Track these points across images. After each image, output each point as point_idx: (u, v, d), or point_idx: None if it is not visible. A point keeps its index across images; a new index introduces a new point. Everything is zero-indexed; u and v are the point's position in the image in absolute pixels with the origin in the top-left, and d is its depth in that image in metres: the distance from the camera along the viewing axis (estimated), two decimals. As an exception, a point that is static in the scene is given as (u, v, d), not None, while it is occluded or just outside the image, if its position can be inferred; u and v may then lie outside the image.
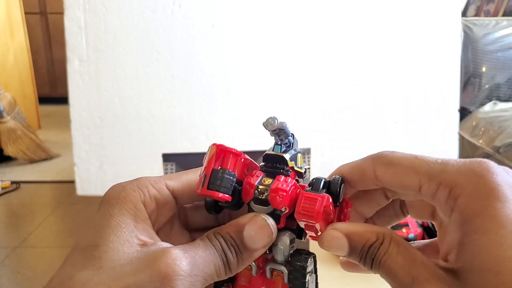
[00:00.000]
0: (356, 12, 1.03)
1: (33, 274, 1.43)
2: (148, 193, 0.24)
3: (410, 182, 0.23)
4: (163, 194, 0.25)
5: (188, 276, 0.21)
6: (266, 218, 0.23)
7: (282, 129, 0.24)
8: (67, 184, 2.10)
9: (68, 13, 0.99)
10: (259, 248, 0.23)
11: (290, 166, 0.25)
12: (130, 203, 0.23)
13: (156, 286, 0.20)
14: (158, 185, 0.25)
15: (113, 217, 0.22)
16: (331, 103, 1.05)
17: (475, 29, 1.46)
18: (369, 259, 0.24)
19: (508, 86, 1.48)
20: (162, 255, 0.21)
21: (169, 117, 1.04)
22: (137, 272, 0.21)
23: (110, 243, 0.21)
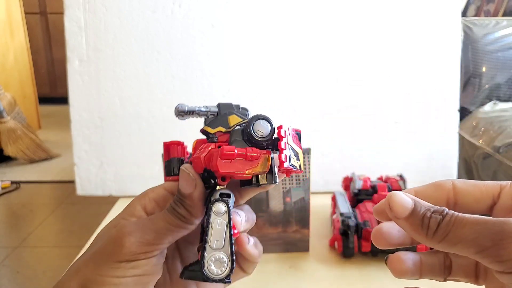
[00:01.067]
0: (356, 12, 1.03)
1: (33, 274, 1.43)
2: (147, 196, 0.32)
3: (491, 188, 0.26)
4: (161, 194, 0.32)
5: (132, 231, 0.28)
6: (182, 167, 0.30)
7: (182, 111, 0.30)
8: (67, 184, 2.10)
9: (68, 13, 0.99)
10: (190, 191, 0.29)
11: (216, 132, 0.30)
12: (129, 207, 0.31)
13: (111, 246, 0.28)
14: (157, 189, 0.32)
15: (117, 217, 0.31)
16: (331, 103, 1.05)
17: (475, 29, 1.46)
18: (433, 223, 0.23)
19: (508, 86, 1.48)
20: (116, 227, 0.29)
21: (169, 117, 1.04)
22: (100, 244, 0.29)
23: (98, 234, 0.31)
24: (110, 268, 0.27)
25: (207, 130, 0.30)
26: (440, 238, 0.23)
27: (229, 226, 0.28)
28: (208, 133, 0.30)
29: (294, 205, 0.72)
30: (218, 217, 0.28)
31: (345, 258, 0.74)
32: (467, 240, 0.22)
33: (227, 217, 0.28)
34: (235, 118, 0.30)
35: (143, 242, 0.28)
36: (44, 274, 1.42)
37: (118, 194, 1.05)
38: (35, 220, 1.80)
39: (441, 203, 0.26)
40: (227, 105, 0.30)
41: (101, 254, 0.28)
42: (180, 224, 0.29)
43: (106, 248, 0.28)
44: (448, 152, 1.08)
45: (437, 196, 0.27)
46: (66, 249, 1.57)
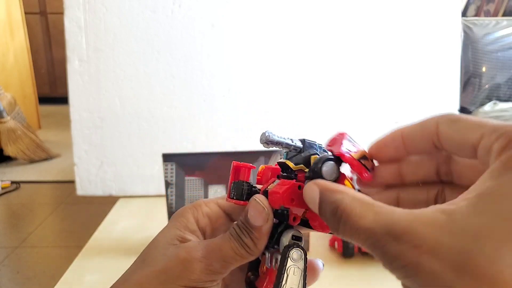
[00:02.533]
0: (357, 13, 1.03)
1: (33, 274, 1.43)
2: (201, 210, 0.31)
3: (472, 136, 0.23)
4: (214, 210, 0.31)
5: (202, 258, 0.27)
6: (256, 198, 0.28)
7: (270, 140, 0.28)
8: (67, 184, 2.10)
9: (68, 13, 0.99)
10: (261, 223, 0.28)
11: (297, 169, 0.29)
12: (183, 218, 0.30)
13: (179, 269, 0.27)
14: (210, 204, 0.31)
15: (168, 228, 0.30)
16: (331, 103, 1.05)
17: (475, 29, 1.46)
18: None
19: (508, 86, 1.48)
20: (184, 247, 0.28)
21: (169, 117, 1.04)
22: (166, 261, 0.27)
23: (157, 243, 0.29)
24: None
25: (289, 165, 0.29)
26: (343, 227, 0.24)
27: (304, 275, 0.28)
28: (288, 168, 0.29)
29: (294, 205, 0.71)
30: (295, 264, 0.27)
31: (345, 258, 0.74)
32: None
33: (302, 264, 0.28)
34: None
35: (212, 270, 0.27)
36: (44, 274, 1.42)
37: (118, 194, 1.05)
38: (35, 220, 1.80)
39: (429, 145, 0.26)
40: (312, 144, 0.30)
41: (168, 275, 0.27)
42: (245, 254, 0.28)
43: (173, 270, 0.27)
44: (448, 152, 1.07)
45: (423, 137, 0.26)
46: (66, 249, 1.57)
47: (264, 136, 0.28)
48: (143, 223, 0.90)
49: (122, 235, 0.85)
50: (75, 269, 0.75)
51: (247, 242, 0.28)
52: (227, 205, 0.31)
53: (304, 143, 0.30)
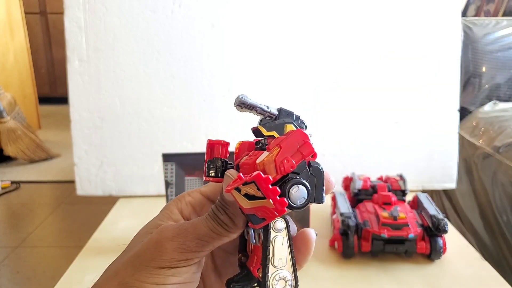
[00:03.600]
0: (357, 13, 1.03)
1: (33, 274, 1.43)
2: (184, 200, 0.31)
3: None
4: (197, 198, 0.31)
5: (173, 237, 0.27)
6: (228, 173, 0.28)
7: (243, 102, 0.28)
8: (67, 184, 2.10)
9: (68, 13, 0.99)
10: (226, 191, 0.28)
11: (269, 136, 0.28)
12: (166, 210, 0.31)
13: (152, 251, 0.27)
14: (193, 193, 0.32)
15: (151, 220, 0.31)
16: (331, 103, 1.05)
17: (475, 29, 1.46)
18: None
19: (508, 86, 1.48)
20: (156, 230, 0.28)
21: (169, 117, 1.04)
22: (140, 246, 0.28)
23: (136, 236, 0.30)
24: (149, 274, 0.26)
25: (261, 131, 0.28)
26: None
27: (290, 243, 0.27)
28: (260, 133, 0.28)
29: (294, 205, 0.71)
30: (278, 234, 0.26)
31: (345, 258, 0.74)
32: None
33: (286, 233, 0.27)
34: (291, 128, 0.29)
35: (185, 249, 0.26)
36: (44, 274, 1.42)
37: (118, 194, 1.05)
38: (35, 220, 1.80)
39: None
40: (288, 113, 0.29)
41: (141, 258, 0.27)
42: (222, 232, 0.27)
43: (146, 252, 0.27)
44: (448, 152, 1.08)
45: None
46: (66, 249, 1.57)
47: (238, 99, 0.28)
48: (143, 223, 0.90)
49: (122, 235, 0.85)
50: (75, 269, 0.75)
51: (224, 218, 0.27)
52: (210, 192, 0.31)
53: (280, 111, 0.29)
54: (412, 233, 0.71)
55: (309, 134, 0.28)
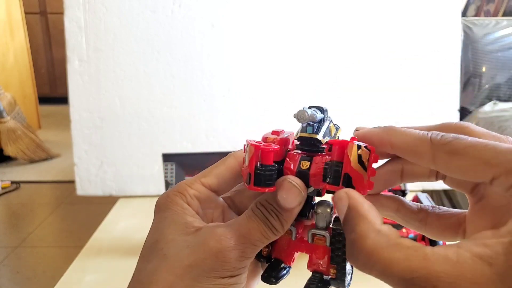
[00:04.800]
0: (357, 13, 1.03)
1: (33, 274, 1.43)
2: (189, 194, 0.28)
3: (482, 176, 0.22)
4: (202, 191, 0.29)
5: (235, 245, 0.25)
6: (291, 180, 0.26)
7: (313, 120, 0.27)
8: (67, 184, 2.10)
9: (68, 13, 0.99)
10: (294, 206, 0.26)
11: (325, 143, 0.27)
12: (176, 205, 0.28)
13: (213, 261, 0.25)
14: (195, 185, 0.29)
15: (166, 218, 0.27)
16: (331, 103, 1.05)
17: (475, 29, 1.46)
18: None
19: (508, 86, 1.48)
20: (210, 235, 0.26)
21: (169, 117, 1.04)
22: (194, 254, 0.25)
23: (169, 236, 0.26)
24: (212, 285, 0.25)
25: (318, 140, 0.27)
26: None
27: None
28: (317, 143, 0.27)
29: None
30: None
31: (345, 258, 0.74)
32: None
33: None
34: (333, 127, 0.29)
35: (245, 256, 0.26)
36: (44, 274, 1.42)
37: (118, 194, 1.05)
38: (35, 220, 1.80)
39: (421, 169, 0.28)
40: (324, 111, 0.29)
41: (200, 269, 0.25)
42: (272, 236, 0.26)
43: (205, 262, 0.25)
44: (448, 152, 1.07)
45: (416, 159, 0.26)
46: (66, 249, 1.57)
47: (307, 115, 0.26)
48: (143, 223, 0.90)
49: (122, 235, 0.85)
50: (75, 269, 0.75)
51: (276, 224, 0.26)
52: (214, 184, 0.29)
53: (324, 112, 0.28)
54: (412, 233, 0.71)
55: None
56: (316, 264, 0.28)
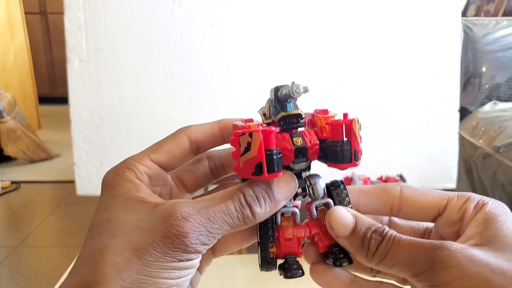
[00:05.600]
0: (356, 13, 1.03)
1: (33, 274, 1.43)
2: (138, 170, 0.27)
3: (438, 199, 0.27)
4: (151, 168, 0.27)
5: (199, 229, 0.23)
6: (292, 175, 0.26)
7: (306, 92, 0.27)
8: (67, 184, 2.10)
9: (68, 13, 0.99)
10: (286, 199, 0.26)
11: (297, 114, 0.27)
12: (127, 182, 0.26)
13: (167, 244, 0.22)
14: (144, 161, 0.27)
15: (118, 196, 0.25)
16: (331, 103, 1.05)
17: (475, 29, 1.46)
18: (373, 245, 0.24)
19: (508, 86, 1.48)
20: (170, 213, 0.23)
21: (169, 117, 1.04)
22: (147, 235, 0.23)
23: (121, 215, 0.24)
24: (162, 269, 0.22)
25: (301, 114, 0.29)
26: (379, 259, 0.24)
27: None
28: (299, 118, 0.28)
29: (294, 205, 0.71)
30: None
31: (345, 258, 0.74)
32: (403, 263, 0.23)
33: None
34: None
35: (206, 243, 0.23)
36: (44, 274, 1.42)
37: (118, 194, 1.05)
38: (35, 220, 1.80)
39: (384, 208, 0.28)
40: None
41: (151, 252, 0.22)
42: (242, 226, 0.25)
43: (158, 245, 0.22)
44: (448, 152, 1.08)
45: (381, 200, 0.27)
46: (66, 249, 1.57)
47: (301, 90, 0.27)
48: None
49: (122, 235, 0.85)
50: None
51: (257, 213, 0.25)
52: (160, 159, 0.27)
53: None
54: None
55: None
56: (328, 239, 0.27)
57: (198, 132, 0.29)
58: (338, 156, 0.25)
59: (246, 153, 0.24)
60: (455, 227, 0.26)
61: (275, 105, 0.28)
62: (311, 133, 0.27)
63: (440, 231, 0.28)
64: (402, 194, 0.28)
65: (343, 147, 0.25)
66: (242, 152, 0.24)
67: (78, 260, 0.24)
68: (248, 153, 0.24)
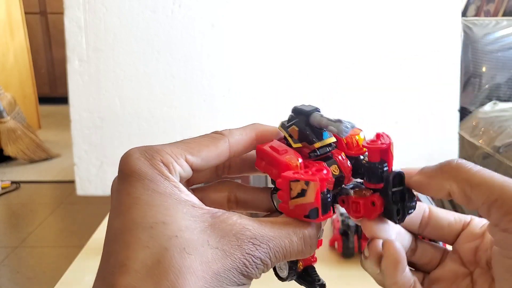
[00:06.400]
0: (357, 13, 1.03)
1: (33, 274, 1.43)
2: (175, 169, 0.23)
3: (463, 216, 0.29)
4: (186, 171, 0.24)
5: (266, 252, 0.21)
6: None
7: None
8: (67, 184, 2.10)
9: (68, 13, 0.99)
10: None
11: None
12: (167, 179, 0.22)
13: (243, 272, 0.21)
14: (181, 161, 0.23)
15: (163, 194, 0.21)
16: (331, 103, 1.05)
17: (475, 29, 1.46)
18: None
19: (508, 86, 1.48)
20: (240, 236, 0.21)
21: (169, 117, 1.04)
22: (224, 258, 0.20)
23: (180, 221, 0.20)
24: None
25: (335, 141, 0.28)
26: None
27: None
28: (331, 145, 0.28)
29: (294, 205, 0.71)
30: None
31: (345, 258, 0.74)
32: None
33: None
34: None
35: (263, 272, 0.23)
36: (44, 274, 1.42)
37: (118, 194, 1.05)
38: (35, 220, 1.80)
39: (414, 222, 0.29)
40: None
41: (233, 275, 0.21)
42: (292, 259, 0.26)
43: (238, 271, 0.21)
44: (448, 152, 1.08)
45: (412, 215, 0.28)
46: (66, 249, 1.57)
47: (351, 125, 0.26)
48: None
49: (122, 235, 0.85)
50: (75, 269, 0.75)
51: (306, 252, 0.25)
52: (196, 164, 0.24)
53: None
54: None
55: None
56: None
57: (239, 142, 0.26)
58: (378, 177, 0.26)
59: (299, 197, 0.23)
60: (476, 242, 0.27)
61: (308, 131, 0.26)
62: (342, 155, 0.27)
63: (459, 248, 0.28)
64: (431, 210, 0.29)
65: (383, 167, 0.26)
66: (294, 196, 0.23)
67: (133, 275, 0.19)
68: (302, 198, 0.23)
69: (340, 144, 0.27)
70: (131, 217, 0.20)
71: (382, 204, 0.25)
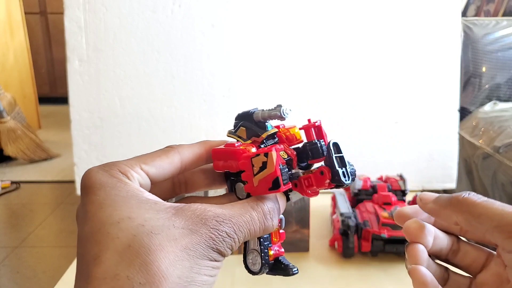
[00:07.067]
0: (357, 13, 1.03)
1: (33, 274, 1.43)
2: (132, 176, 0.25)
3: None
4: (143, 177, 0.26)
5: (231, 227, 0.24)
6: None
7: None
8: (67, 184, 2.10)
9: (68, 13, 0.99)
10: (283, 208, 0.28)
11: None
12: (127, 184, 0.25)
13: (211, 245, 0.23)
14: (136, 169, 0.26)
15: (126, 197, 0.24)
16: (331, 103, 1.05)
17: (475, 29, 1.46)
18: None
19: (508, 86, 1.48)
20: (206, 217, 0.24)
21: (169, 117, 1.04)
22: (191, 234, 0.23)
23: (144, 214, 0.23)
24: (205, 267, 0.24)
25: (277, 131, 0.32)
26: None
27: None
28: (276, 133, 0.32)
29: (294, 205, 0.72)
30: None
31: (345, 258, 0.74)
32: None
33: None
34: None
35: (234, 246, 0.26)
36: (44, 274, 1.42)
37: (118, 194, 1.05)
38: (35, 220, 1.80)
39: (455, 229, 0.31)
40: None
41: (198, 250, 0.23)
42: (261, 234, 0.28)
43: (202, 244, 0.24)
44: (448, 152, 1.08)
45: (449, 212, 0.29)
46: (66, 249, 1.57)
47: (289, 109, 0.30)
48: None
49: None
50: (75, 269, 0.75)
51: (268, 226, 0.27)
52: (151, 172, 0.27)
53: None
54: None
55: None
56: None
57: (189, 154, 0.29)
58: (319, 152, 0.29)
59: (261, 172, 0.26)
60: None
61: (254, 127, 0.31)
62: (285, 146, 0.30)
63: (501, 252, 0.28)
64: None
65: (321, 143, 0.30)
66: (257, 172, 0.26)
67: (107, 262, 0.21)
68: (263, 172, 0.26)
69: (281, 138, 0.31)
70: (98, 219, 0.23)
71: (329, 171, 0.28)
